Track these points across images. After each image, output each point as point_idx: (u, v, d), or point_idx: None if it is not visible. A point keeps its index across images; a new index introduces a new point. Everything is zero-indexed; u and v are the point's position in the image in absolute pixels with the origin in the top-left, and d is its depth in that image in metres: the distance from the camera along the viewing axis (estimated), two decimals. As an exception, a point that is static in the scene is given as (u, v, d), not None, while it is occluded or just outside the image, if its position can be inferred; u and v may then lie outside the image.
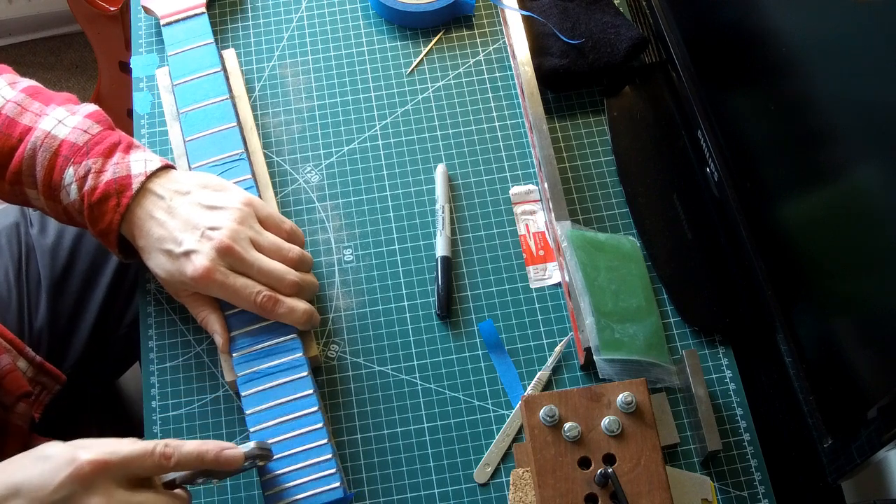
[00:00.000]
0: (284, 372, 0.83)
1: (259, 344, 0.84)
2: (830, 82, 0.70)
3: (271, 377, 0.83)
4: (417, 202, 0.94)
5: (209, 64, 0.96)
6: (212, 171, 0.91)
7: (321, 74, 1.01)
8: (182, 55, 0.97)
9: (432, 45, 1.02)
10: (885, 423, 0.65)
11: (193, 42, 0.98)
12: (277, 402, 0.82)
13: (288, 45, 1.03)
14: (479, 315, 0.89)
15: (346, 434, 0.85)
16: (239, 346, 0.84)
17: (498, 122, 0.98)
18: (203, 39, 0.98)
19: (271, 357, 0.83)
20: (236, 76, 0.98)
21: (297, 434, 0.80)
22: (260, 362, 0.83)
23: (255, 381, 0.83)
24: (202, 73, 0.96)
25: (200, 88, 0.95)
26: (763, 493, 0.82)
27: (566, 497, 0.72)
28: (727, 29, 0.86)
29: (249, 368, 0.83)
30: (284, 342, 0.84)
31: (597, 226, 0.93)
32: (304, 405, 0.82)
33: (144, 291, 0.92)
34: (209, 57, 0.97)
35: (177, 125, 0.95)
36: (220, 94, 0.95)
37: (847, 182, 0.69)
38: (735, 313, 0.88)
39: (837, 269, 0.73)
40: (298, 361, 0.83)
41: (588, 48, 0.97)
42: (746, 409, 0.85)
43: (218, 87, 0.95)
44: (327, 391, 0.87)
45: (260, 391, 0.82)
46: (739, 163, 0.85)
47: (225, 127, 0.93)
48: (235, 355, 0.84)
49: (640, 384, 0.76)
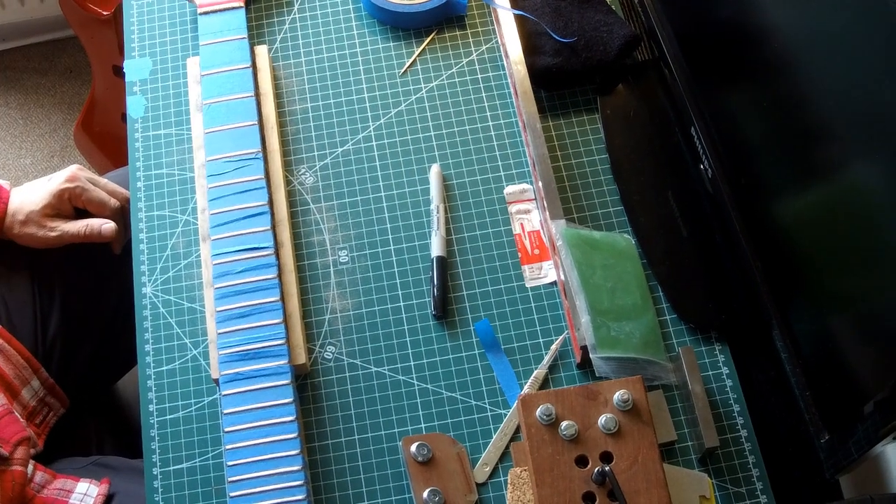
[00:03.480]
0: (268, 377, 0.83)
1: (248, 344, 0.84)
2: (823, 78, 0.70)
3: (254, 380, 0.83)
4: (412, 202, 0.94)
5: (239, 59, 0.96)
6: (225, 166, 0.91)
7: (314, 76, 1.01)
8: (214, 46, 0.97)
9: (425, 46, 1.02)
10: (882, 417, 0.65)
11: (227, 35, 0.98)
12: (256, 406, 0.82)
13: (281, 46, 1.03)
14: (475, 315, 0.89)
15: (344, 435, 0.85)
16: (227, 344, 0.84)
17: (491, 122, 0.98)
18: (237, 33, 0.98)
19: (257, 360, 0.83)
20: (265, 74, 0.98)
21: (271, 440, 0.81)
22: (245, 363, 0.83)
23: (237, 381, 0.83)
24: (231, 67, 0.96)
25: (227, 82, 0.95)
26: (761, 489, 0.82)
27: (564, 495, 0.73)
28: (719, 26, 0.86)
29: (233, 368, 0.83)
30: (272, 347, 0.84)
31: (591, 224, 0.93)
32: (282, 413, 0.81)
33: (140, 295, 0.92)
34: (240, 52, 0.97)
35: (199, 116, 0.95)
36: (245, 91, 0.95)
37: (841, 178, 0.69)
38: (731, 310, 0.88)
39: (832, 265, 0.73)
40: (283, 368, 0.83)
41: (581, 46, 0.97)
42: (743, 406, 0.85)
43: (244, 82, 0.95)
44: (324, 392, 0.87)
45: (240, 392, 0.82)
46: (733, 159, 0.85)
47: (245, 124, 0.93)
48: (222, 353, 0.84)
49: (637, 382, 0.76)
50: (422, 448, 0.82)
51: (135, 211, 0.96)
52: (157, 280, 0.92)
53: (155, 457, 0.85)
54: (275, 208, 0.91)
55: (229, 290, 0.86)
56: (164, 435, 0.86)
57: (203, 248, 0.90)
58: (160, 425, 0.87)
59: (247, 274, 0.87)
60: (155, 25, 1.04)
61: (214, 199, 0.90)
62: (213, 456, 0.85)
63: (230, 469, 0.80)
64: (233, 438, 0.81)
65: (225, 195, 0.90)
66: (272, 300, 0.86)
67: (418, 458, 0.81)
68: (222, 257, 0.88)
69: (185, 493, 0.84)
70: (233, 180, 0.91)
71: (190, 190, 0.96)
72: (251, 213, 0.89)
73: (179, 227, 0.94)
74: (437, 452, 0.82)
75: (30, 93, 2.03)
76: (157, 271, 0.93)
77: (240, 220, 0.89)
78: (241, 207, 0.90)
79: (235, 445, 0.81)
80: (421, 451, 0.82)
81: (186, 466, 0.85)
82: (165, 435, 0.86)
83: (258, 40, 1.03)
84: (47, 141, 2.02)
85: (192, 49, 1.03)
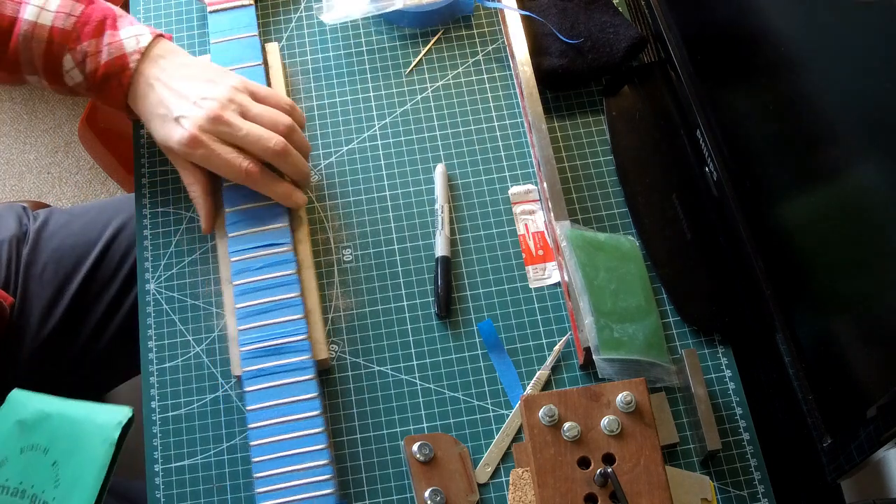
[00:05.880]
0: (291, 372, 0.83)
1: (269, 340, 0.84)
2: (829, 81, 0.70)
3: (277, 376, 0.83)
4: (417, 202, 0.94)
5: (251, 56, 0.96)
6: None
7: (320, 74, 1.01)
8: (225, 44, 0.97)
9: (431, 45, 1.02)
10: (885, 422, 0.65)
11: (237, 32, 0.98)
12: (280, 402, 0.82)
13: (287, 44, 1.03)
14: (479, 315, 0.89)
15: (346, 434, 0.85)
16: (248, 340, 0.84)
17: (497, 122, 0.98)
18: (247, 31, 0.98)
19: (280, 356, 0.84)
20: (277, 71, 0.98)
21: (296, 436, 0.80)
22: (267, 360, 0.83)
23: (260, 378, 0.83)
24: (242, 65, 0.96)
25: None
26: (762, 493, 0.82)
27: (566, 497, 0.72)
28: (726, 28, 0.86)
29: (256, 365, 0.83)
30: (294, 342, 0.84)
31: (596, 225, 0.93)
32: (307, 408, 0.82)
33: (144, 291, 0.92)
34: (251, 49, 0.97)
35: None
36: None
37: (846, 181, 0.69)
38: (734, 313, 0.88)
39: (837, 269, 0.73)
40: (306, 363, 0.83)
41: (587, 48, 0.97)
42: (746, 409, 0.85)
43: (256, 80, 0.94)
44: (327, 391, 0.87)
45: (264, 388, 0.82)
46: (738, 162, 0.85)
47: None
48: (243, 350, 0.84)
49: (640, 384, 0.76)
50: (424, 448, 0.82)
51: (139, 207, 0.96)
52: (160, 277, 0.92)
53: (156, 453, 0.86)
54: None
55: (249, 286, 0.86)
56: (166, 432, 0.86)
57: (220, 245, 0.90)
58: (162, 422, 0.87)
59: (266, 270, 0.87)
60: (161, 23, 1.04)
61: (230, 196, 0.90)
62: (215, 453, 0.85)
63: (256, 465, 0.80)
64: (257, 434, 0.81)
65: (241, 190, 0.90)
66: (292, 296, 0.86)
67: (420, 458, 0.82)
68: (241, 254, 0.88)
69: (186, 489, 0.84)
70: None
71: (195, 187, 0.96)
72: (268, 209, 0.89)
73: (184, 224, 0.94)
74: (439, 452, 0.82)
75: (34, 88, 2.03)
76: (160, 268, 0.93)
77: (257, 216, 0.89)
78: (258, 205, 0.89)
79: (260, 442, 0.81)
80: (423, 450, 0.82)
81: (188, 463, 0.85)
82: (167, 432, 0.86)
83: (265, 38, 1.03)
84: (52, 136, 2.03)
85: (200, 46, 1.03)
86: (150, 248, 0.94)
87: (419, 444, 0.82)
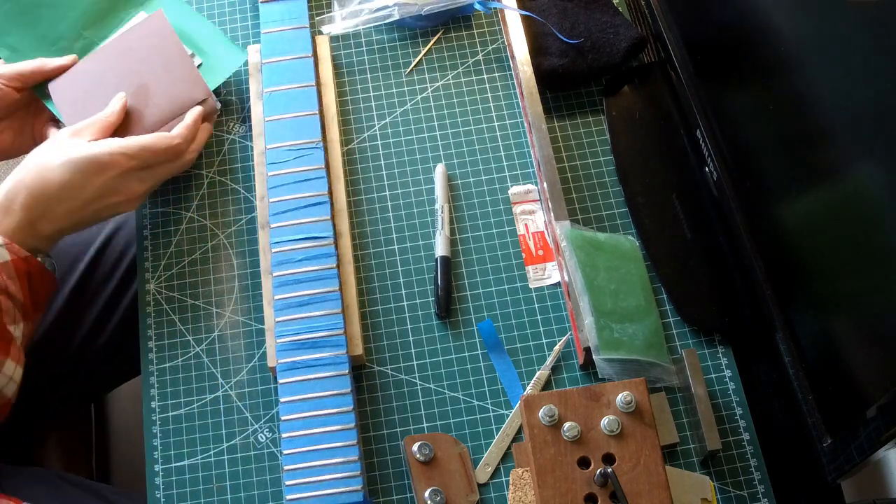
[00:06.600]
0: (325, 367, 0.83)
1: (305, 334, 0.84)
2: (829, 82, 0.70)
3: (311, 369, 0.83)
4: (417, 202, 0.94)
5: (300, 48, 0.96)
6: (286, 154, 0.91)
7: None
8: (275, 35, 0.97)
9: (431, 45, 1.02)
10: (885, 422, 0.65)
11: (288, 24, 0.98)
12: (313, 396, 0.82)
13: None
14: (479, 315, 0.89)
15: (346, 434, 0.85)
16: (284, 332, 0.84)
17: (497, 122, 0.98)
18: (298, 22, 0.98)
19: (315, 349, 0.84)
20: (326, 63, 0.98)
21: (328, 430, 0.81)
22: (303, 353, 0.84)
23: (295, 370, 0.83)
24: (292, 56, 0.96)
25: (288, 71, 0.95)
26: (762, 493, 0.82)
27: (566, 497, 0.72)
28: (726, 29, 0.86)
29: (291, 357, 0.83)
30: (330, 336, 0.84)
31: (596, 225, 0.93)
32: (339, 403, 0.82)
33: (144, 291, 0.92)
34: (301, 41, 0.97)
35: (260, 105, 0.95)
36: (306, 80, 0.95)
37: (846, 181, 0.69)
38: (734, 313, 0.88)
39: (836, 269, 0.73)
40: (341, 359, 0.83)
41: (587, 48, 0.97)
42: (746, 409, 0.85)
43: (305, 72, 0.95)
44: (327, 391, 0.87)
45: (297, 381, 0.82)
46: (738, 162, 0.85)
47: (305, 113, 0.93)
48: (280, 342, 0.84)
49: (640, 384, 0.76)
50: (424, 447, 0.82)
51: (139, 208, 0.95)
52: (160, 277, 0.92)
53: (156, 453, 0.86)
54: (334, 198, 0.91)
55: (288, 278, 0.87)
56: (166, 432, 0.86)
57: (262, 235, 0.90)
58: (162, 422, 0.87)
59: (306, 263, 0.87)
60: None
61: (274, 188, 0.90)
62: (216, 453, 0.85)
63: (286, 457, 0.80)
64: (289, 427, 0.81)
65: (285, 183, 0.90)
66: (331, 290, 0.86)
67: (420, 458, 0.82)
68: (282, 245, 0.88)
69: (186, 490, 0.84)
70: (293, 169, 0.91)
71: (194, 187, 0.96)
72: (311, 202, 0.89)
73: (184, 224, 0.94)
74: (439, 452, 0.82)
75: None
76: (160, 268, 0.93)
77: (299, 208, 0.89)
78: (301, 196, 0.90)
79: (291, 434, 0.81)
80: (423, 450, 0.82)
81: (188, 463, 0.85)
82: (167, 432, 0.86)
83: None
84: (52, 137, 2.02)
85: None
86: (150, 247, 0.94)
87: (419, 444, 0.82)
